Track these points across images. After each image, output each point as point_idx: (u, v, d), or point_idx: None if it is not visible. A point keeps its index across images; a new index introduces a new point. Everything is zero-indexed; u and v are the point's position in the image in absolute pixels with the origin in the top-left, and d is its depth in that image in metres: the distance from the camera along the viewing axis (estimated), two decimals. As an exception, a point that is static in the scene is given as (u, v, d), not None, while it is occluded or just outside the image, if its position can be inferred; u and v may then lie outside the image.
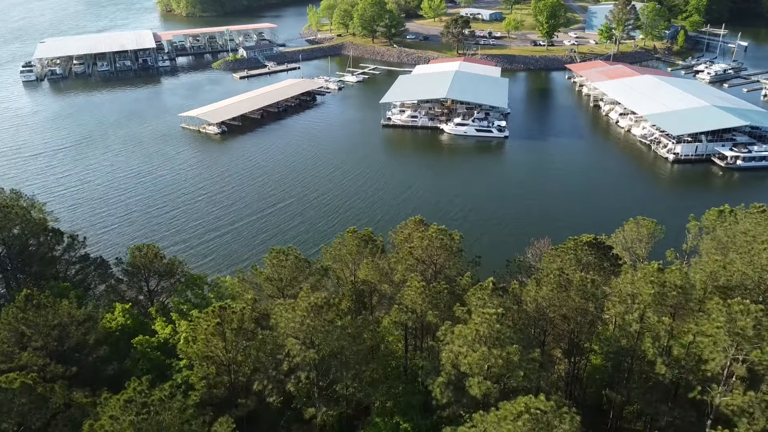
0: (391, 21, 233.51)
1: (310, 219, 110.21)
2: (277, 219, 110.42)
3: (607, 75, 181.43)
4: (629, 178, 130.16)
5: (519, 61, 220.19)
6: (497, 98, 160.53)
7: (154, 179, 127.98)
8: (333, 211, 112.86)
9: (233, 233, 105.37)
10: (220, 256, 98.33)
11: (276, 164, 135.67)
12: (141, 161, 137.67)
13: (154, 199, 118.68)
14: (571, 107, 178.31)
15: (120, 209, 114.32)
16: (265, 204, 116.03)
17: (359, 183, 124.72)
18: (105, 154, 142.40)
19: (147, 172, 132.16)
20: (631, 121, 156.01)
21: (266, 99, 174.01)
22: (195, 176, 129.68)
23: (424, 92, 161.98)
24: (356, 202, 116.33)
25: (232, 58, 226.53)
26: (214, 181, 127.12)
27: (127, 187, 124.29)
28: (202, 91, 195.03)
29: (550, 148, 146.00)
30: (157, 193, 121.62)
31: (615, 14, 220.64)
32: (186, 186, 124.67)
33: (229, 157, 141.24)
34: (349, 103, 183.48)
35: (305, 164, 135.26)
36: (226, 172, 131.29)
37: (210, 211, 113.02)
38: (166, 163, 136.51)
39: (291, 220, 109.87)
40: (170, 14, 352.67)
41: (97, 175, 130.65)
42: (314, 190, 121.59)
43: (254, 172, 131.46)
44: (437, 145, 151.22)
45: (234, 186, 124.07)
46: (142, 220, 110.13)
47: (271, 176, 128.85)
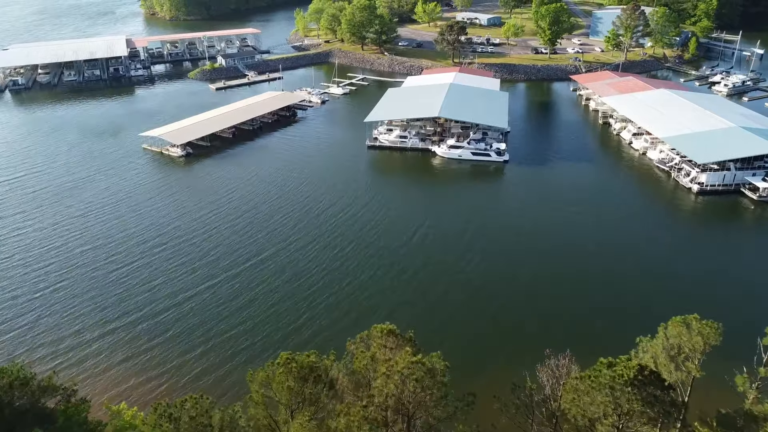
0: (382, 27, 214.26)
1: (275, 290, 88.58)
2: (228, 292, 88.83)
3: (616, 88, 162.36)
4: (649, 215, 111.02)
5: (519, 70, 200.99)
6: (496, 116, 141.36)
7: (102, 223, 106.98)
8: (305, 273, 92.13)
9: (174, 317, 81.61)
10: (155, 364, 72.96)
11: (243, 198, 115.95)
12: (91, 196, 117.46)
13: (97, 254, 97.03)
14: (578, 124, 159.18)
15: (52, 276, 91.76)
16: (227, 263, 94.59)
17: (339, 226, 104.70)
18: (48, 188, 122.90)
19: (96, 209, 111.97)
20: (647, 143, 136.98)
21: (240, 115, 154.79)
22: (151, 216, 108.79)
23: (414, 109, 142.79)
24: (333, 257, 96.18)
25: (209, 67, 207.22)
26: (170, 222, 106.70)
27: (68, 239, 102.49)
28: (174, 105, 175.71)
29: (554, 175, 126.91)
30: (105, 243, 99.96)
31: (623, 20, 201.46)
32: (139, 230, 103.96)
33: (191, 188, 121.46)
34: (332, 119, 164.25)
35: (277, 198, 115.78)
36: (186, 210, 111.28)
37: (161, 272, 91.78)
38: (120, 201, 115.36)
39: (237, 296, 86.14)
40: (154, 18, 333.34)
41: (33, 223, 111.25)
42: (284, 238, 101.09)
43: (217, 210, 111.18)
44: (428, 171, 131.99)
45: (191, 232, 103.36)
46: (76, 289, 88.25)
47: (236, 216, 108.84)
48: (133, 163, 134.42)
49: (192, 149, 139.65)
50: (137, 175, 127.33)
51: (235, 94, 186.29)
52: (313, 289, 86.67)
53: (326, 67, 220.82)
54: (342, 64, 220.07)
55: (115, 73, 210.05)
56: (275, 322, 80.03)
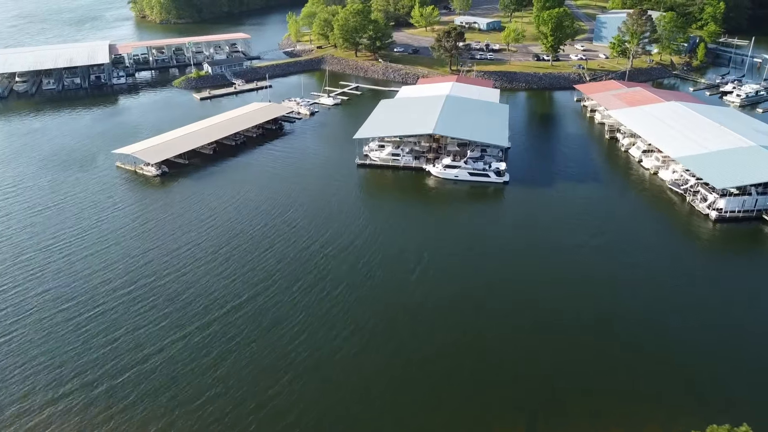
0: (376, 32, 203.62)
1: (253, 341, 79.33)
2: (199, 346, 78.04)
3: (624, 100, 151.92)
4: (662, 245, 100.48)
5: (520, 79, 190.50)
6: (496, 132, 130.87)
7: (65, 259, 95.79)
8: (288, 321, 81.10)
9: (137, 378, 71.16)
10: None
11: (222, 227, 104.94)
12: (57, 225, 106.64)
13: (57, 297, 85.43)
14: (583, 139, 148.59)
15: (1, 325, 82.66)
16: (200, 308, 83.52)
17: (329, 262, 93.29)
18: (10, 215, 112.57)
19: (60, 241, 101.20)
20: (658, 162, 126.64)
21: (222, 129, 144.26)
22: (120, 250, 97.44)
23: (407, 125, 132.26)
24: (321, 301, 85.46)
25: (195, 75, 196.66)
26: (141, 257, 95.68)
27: (24, 279, 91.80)
28: (154, 117, 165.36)
29: (559, 198, 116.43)
30: (66, 284, 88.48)
31: (629, 26, 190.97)
32: (105, 267, 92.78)
33: (165, 215, 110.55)
34: (321, 132, 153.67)
35: (260, 228, 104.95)
36: (158, 242, 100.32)
37: (126, 319, 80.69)
38: (87, 231, 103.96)
39: (209, 352, 76.83)
40: (145, 21, 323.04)
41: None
42: (266, 276, 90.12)
43: (193, 241, 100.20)
44: (423, 193, 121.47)
45: (162, 269, 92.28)
46: (27, 342, 77.29)
47: (213, 249, 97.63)
48: (105, 184, 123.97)
49: (168, 168, 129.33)
50: (108, 199, 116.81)
51: (220, 105, 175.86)
52: (296, 343, 76.19)
53: (318, 74, 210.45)
54: (334, 71, 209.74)
55: (96, 81, 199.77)
56: (250, 385, 69.43)
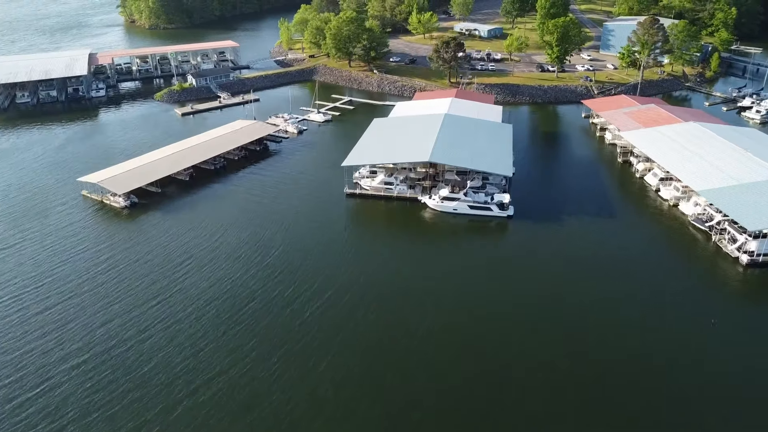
0: (371, 42, 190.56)
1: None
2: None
3: (637, 119, 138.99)
4: (686, 293, 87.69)
5: (524, 92, 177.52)
6: (499, 157, 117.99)
7: (13, 323, 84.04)
8: (264, 405, 70.20)
9: None
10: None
11: (195, 278, 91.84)
12: (9, 272, 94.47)
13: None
14: (593, 162, 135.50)
15: None
16: (160, 391, 72.01)
17: (314, 324, 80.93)
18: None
19: (10, 298, 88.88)
20: (678, 192, 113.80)
21: (201, 152, 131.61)
22: (77, 307, 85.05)
23: (400, 151, 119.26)
24: (302, 378, 73.93)
25: (177, 88, 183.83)
26: (100, 317, 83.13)
27: None
28: (130, 136, 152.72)
29: (569, 235, 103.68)
30: (9, 359, 78.48)
31: (639, 35, 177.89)
32: (57, 330, 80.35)
33: (131, 258, 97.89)
34: (308, 154, 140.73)
35: (239, 277, 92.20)
36: (120, 296, 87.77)
37: (72, 405, 68.35)
38: (44, 282, 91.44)
39: None
40: (134, 26, 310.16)
41: None
42: (241, 343, 78.08)
43: (159, 296, 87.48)
44: (419, 229, 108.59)
45: (122, 334, 79.73)
46: None
47: (182, 307, 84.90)
48: (69, 217, 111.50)
49: (139, 197, 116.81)
50: (70, 237, 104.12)
51: (203, 121, 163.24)
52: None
53: (310, 85, 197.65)
54: (326, 82, 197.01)
55: (74, 94, 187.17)
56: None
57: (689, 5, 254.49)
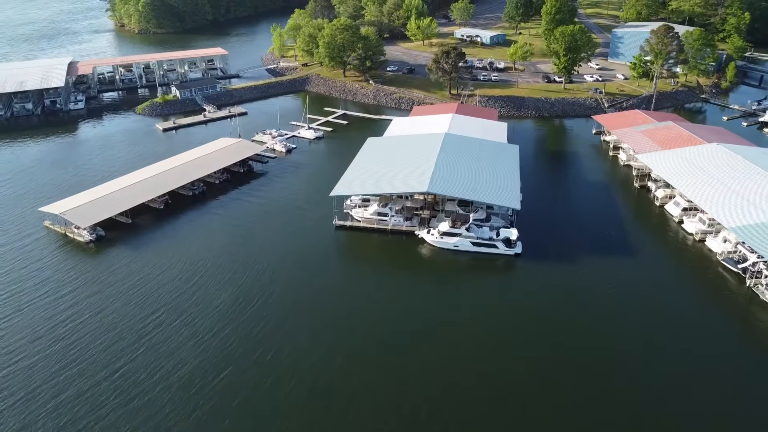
0: (366, 51, 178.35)
1: None
2: None
3: (654, 139, 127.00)
4: (720, 348, 75.89)
5: (529, 105, 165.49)
6: (505, 186, 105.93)
7: None
8: None
9: None
10: None
11: (161, 332, 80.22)
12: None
13: None
14: (606, 187, 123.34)
15: None
16: None
17: (299, 400, 70.33)
18: None
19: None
20: (703, 225, 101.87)
21: (178, 175, 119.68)
22: (27, 373, 74.01)
23: (396, 178, 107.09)
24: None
25: (161, 100, 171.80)
26: (49, 389, 72.14)
27: None
28: (105, 156, 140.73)
29: (584, 276, 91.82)
30: None
31: (653, 45, 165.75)
32: (4, 404, 70.18)
33: (93, 306, 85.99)
34: (296, 177, 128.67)
35: (212, 330, 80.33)
36: (78, 357, 75.84)
37: None
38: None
39: None
40: (123, 31, 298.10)
41: None
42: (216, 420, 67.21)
43: (123, 353, 75.85)
44: (416, 269, 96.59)
45: (77, 413, 67.89)
46: None
47: (147, 374, 72.92)
48: (27, 254, 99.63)
49: (107, 229, 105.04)
50: (27, 280, 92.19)
51: (185, 138, 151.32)
52: None
53: (303, 95, 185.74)
54: (319, 93, 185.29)
55: (51, 107, 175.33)
56: None
57: (700, 9, 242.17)
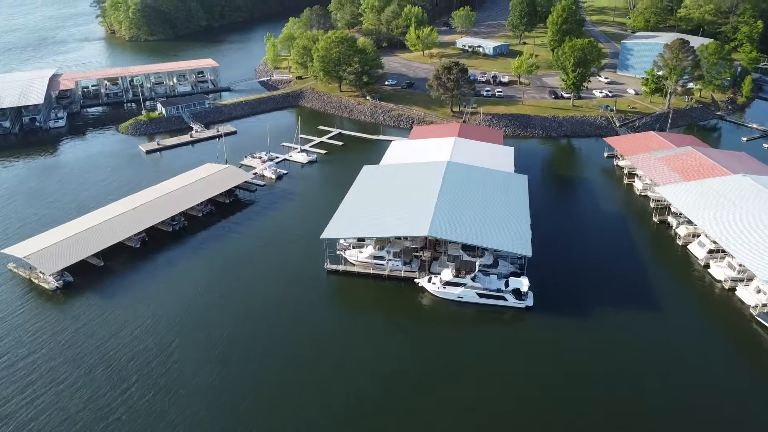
0: (363, 65, 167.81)
1: None
2: None
3: (673, 167, 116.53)
4: (761, 425, 66.15)
5: (536, 124, 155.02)
6: (515, 227, 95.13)
7: None
8: None
9: None
10: None
11: (133, 404, 70.89)
12: None
13: None
14: (623, 221, 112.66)
15: None
16: None
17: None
18: None
19: None
20: (733, 271, 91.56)
21: (158, 209, 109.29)
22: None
23: (393, 220, 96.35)
24: None
25: (145, 118, 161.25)
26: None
27: None
28: (82, 184, 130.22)
29: (602, 331, 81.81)
30: None
31: (667, 60, 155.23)
32: None
33: (56, 368, 76.12)
34: (285, 209, 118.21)
35: (185, 410, 70.75)
36: None
37: None
38: None
39: None
40: (114, 38, 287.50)
41: None
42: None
43: None
44: (411, 324, 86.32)
45: None
46: None
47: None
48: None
49: (77, 273, 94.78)
50: None
51: (170, 161, 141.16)
52: None
53: (297, 110, 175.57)
54: (314, 109, 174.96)
55: (30, 125, 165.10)
56: None
57: (710, 18, 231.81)
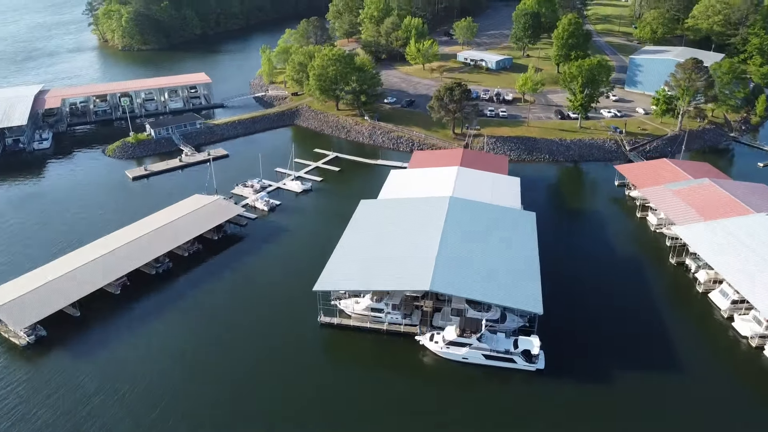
0: (361, 84, 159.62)
1: None
2: None
3: (689, 202, 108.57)
4: None
5: (542, 147, 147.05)
6: (524, 279, 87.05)
7: None
8: None
9: None
10: None
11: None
12: None
13: None
14: (638, 262, 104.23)
15: None
16: None
17: None
18: None
19: None
20: (760, 327, 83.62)
21: (140, 250, 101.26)
22: None
23: (391, 269, 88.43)
24: None
25: (133, 140, 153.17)
26: None
27: None
28: (61, 217, 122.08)
29: (622, 396, 74.27)
30: None
31: (679, 80, 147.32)
32: None
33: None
34: (278, 246, 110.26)
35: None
36: None
37: None
38: None
39: None
40: (107, 47, 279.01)
41: None
42: None
43: None
44: (411, 387, 78.61)
45: None
46: None
47: None
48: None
49: (50, 325, 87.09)
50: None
51: (158, 188, 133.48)
52: None
53: (293, 130, 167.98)
54: (310, 128, 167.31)
55: (13, 146, 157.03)
56: None
57: (719, 29, 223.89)
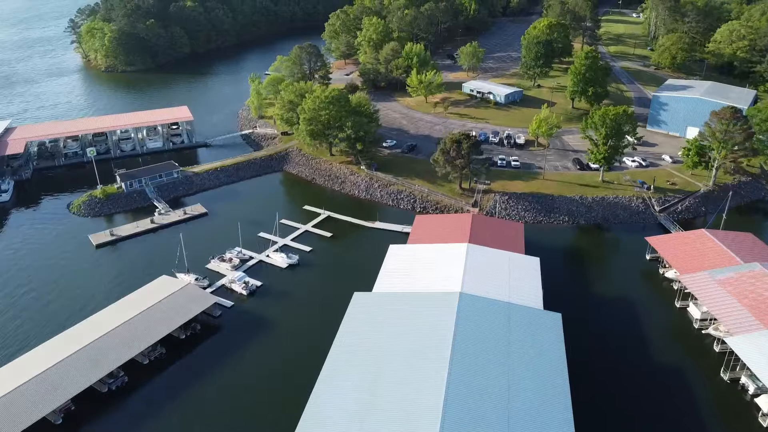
0: (357, 131, 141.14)
1: None
2: None
3: (742, 300, 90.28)
4: None
5: (560, 207, 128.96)
6: (550, 409, 70.03)
7: None
8: None
9: None
10: None
11: None
12: None
13: None
14: (681, 375, 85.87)
15: None
16: None
17: None
18: None
19: None
20: None
21: (89, 364, 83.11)
22: None
23: (389, 412, 70.83)
24: None
25: (101, 194, 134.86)
26: None
27: None
28: (9, 303, 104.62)
29: None
30: None
31: (714, 131, 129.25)
32: None
33: None
34: (255, 346, 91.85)
35: None
36: None
37: None
38: None
39: None
40: (90, 68, 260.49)
41: None
42: None
43: None
44: None
45: None
46: None
47: None
48: None
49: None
50: None
51: (124, 259, 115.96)
52: None
53: (283, 177, 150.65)
54: (300, 176, 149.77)
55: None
56: None
57: (743, 55, 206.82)
